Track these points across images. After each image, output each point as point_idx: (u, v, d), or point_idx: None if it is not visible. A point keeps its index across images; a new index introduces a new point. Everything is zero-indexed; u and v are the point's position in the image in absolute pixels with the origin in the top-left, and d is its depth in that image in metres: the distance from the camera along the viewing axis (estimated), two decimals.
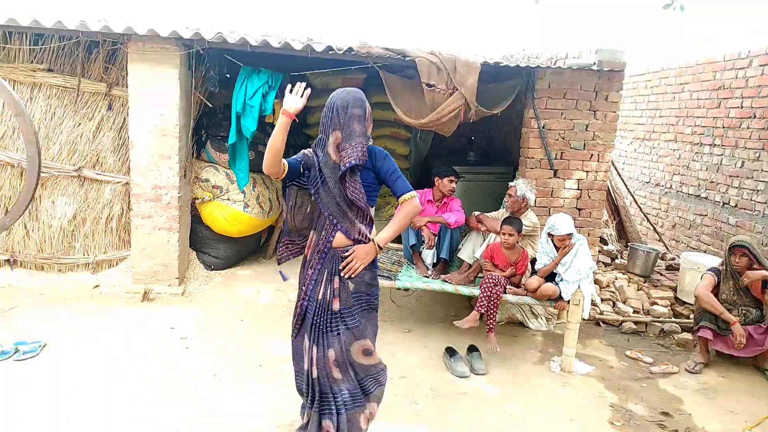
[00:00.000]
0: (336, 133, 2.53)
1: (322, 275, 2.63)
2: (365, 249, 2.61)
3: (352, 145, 2.50)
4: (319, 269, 2.63)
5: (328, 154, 2.56)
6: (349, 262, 2.58)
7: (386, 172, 2.63)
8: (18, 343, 3.79)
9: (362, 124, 2.54)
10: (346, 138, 2.51)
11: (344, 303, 2.61)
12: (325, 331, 2.62)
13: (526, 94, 5.14)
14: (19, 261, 5.13)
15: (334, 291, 2.61)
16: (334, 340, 2.61)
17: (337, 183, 2.56)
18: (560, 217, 4.14)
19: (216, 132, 5.44)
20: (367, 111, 2.59)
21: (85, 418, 3.05)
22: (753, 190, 6.04)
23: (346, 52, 4.62)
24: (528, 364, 4.17)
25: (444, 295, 5.03)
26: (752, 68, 6.12)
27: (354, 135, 2.51)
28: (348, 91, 2.58)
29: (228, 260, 5.77)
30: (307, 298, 2.66)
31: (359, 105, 2.55)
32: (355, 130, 2.52)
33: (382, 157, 2.65)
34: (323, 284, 2.62)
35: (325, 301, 2.62)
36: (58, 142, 4.98)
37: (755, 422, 3.50)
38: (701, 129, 7.02)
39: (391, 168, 2.64)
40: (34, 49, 4.90)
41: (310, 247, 2.71)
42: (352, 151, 2.49)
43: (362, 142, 2.52)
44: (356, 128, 2.52)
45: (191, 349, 3.98)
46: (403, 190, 2.63)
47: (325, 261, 2.63)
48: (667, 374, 4.13)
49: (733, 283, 4.29)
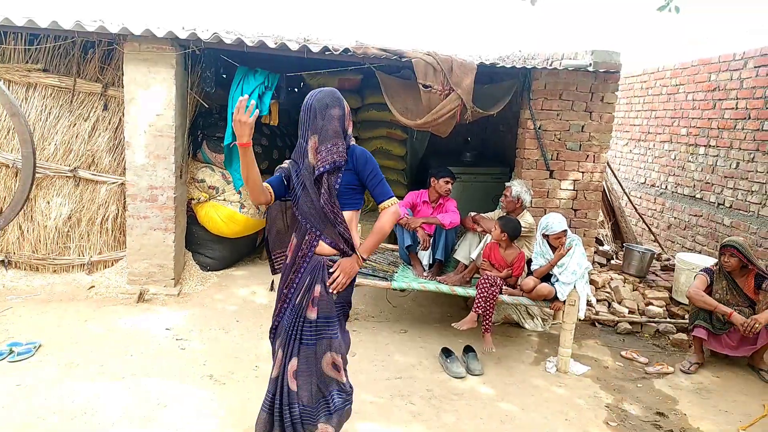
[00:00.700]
0: (314, 137, 2.42)
1: (303, 282, 2.54)
2: (349, 263, 2.52)
3: (328, 147, 2.40)
4: (301, 275, 2.55)
5: (308, 159, 2.45)
6: (335, 278, 2.50)
7: (367, 176, 2.52)
8: (12, 344, 3.77)
9: (340, 124, 2.44)
10: (323, 140, 2.41)
11: (324, 311, 2.52)
12: (293, 338, 2.53)
13: (522, 94, 5.16)
14: (14, 262, 5.12)
15: (313, 299, 2.51)
16: (302, 350, 2.52)
17: (314, 189, 2.46)
18: (552, 217, 4.16)
19: (212, 132, 5.43)
20: (346, 110, 2.49)
21: (81, 420, 3.04)
22: (747, 191, 6.07)
23: (343, 52, 4.62)
24: (524, 364, 4.17)
25: (440, 296, 5.04)
26: (747, 69, 6.15)
27: (330, 137, 2.41)
28: (323, 91, 2.47)
29: (224, 261, 5.76)
30: (289, 301, 2.58)
31: (336, 104, 2.44)
32: (332, 131, 2.41)
33: (364, 159, 2.52)
34: (302, 291, 2.53)
35: (300, 308, 2.53)
36: (53, 142, 4.96)
37: (749, 422, 3.52)
38: (696, 130, 7.05)
39: (371, 172, 2.53)
40: (30, 49, 4.88)
41: (291, 251, 2.61)
42: (327, 155, 2.40)
43: (338, 143, 2.42)
44: (333, 129, 2.41)
45: (187, 350, 3.98)
46: (383, 197, 2.54)
47: (307, 267, 2.54)
48: (662, 374, 4.15)
49: (726, 282, 4.32)
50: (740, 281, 4.30)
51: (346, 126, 2.49)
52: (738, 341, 4.19)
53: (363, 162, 2.51)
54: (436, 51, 4.79)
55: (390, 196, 2.55)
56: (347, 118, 2.50)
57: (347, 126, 2.50)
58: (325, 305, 2.53)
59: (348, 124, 2.51)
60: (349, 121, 2.52)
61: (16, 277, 5.03)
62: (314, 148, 2.43)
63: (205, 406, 3.25)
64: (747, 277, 4.28)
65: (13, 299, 4.64)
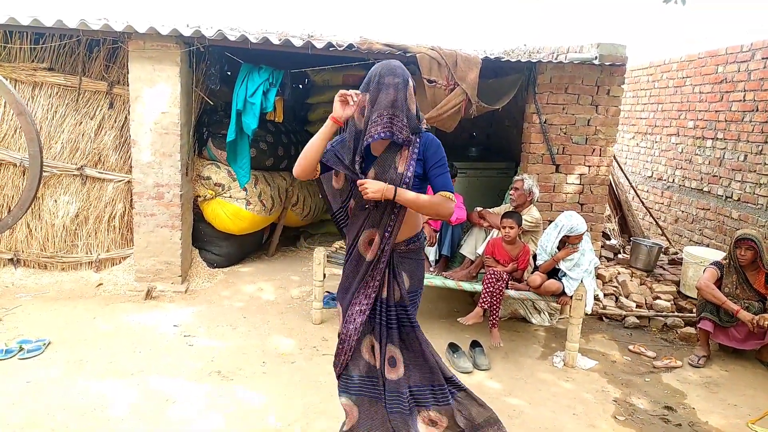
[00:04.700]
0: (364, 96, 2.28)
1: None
2: (378, 183, 2.30)
3: (382, 117, 2.22)
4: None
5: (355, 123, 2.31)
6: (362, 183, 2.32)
7: (434, 163, 2.36)
8: (22, 341, 3.80)
9: (397, 95, 2.23)
10: (374, 106, 2.23)
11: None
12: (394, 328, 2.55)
13: (528, 89, 5.13)
14: (23, 260, 5.15)
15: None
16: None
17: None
18: (575, 217, 4.06)
19: (217, 129, 5.44)
20: (409, 83, 2.28)
21: (90, 416, 3.06)
22: (756, 183, 6.02)
23: (347, 48, 4.62)
24: (531, 359, 4.17)
25: (446, 291, 5.03)
26: (754, 61, 6.09)
27: (382, 105, 2.22)
28: (385, 62, 2.31)
29: (230, 258, 5.78)
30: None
31: (394, 73, 2.24)
32: (385, 100, 2.22)
33: (435, 145, 2.37)
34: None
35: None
36: (59, 140, 4.98)
37: (759, 416, 3.50)
38: (703, 122, 7.00)
39: (440, 159, 2.37)
40: (35, 48, 4.90)
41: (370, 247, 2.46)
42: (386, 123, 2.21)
43: (395, 114, 2.22)
44: (389, 98, 2.21)
45: (195, 346, 4.00)
46: (443, 189, 2.37)
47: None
48: (670, 368, 4.13)
49: (736, 276, 4.29)
50: (751, 275, 4.27)
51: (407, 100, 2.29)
52: (745, 335, 4.17)
53: (435, 147, 2.38)
54: (440, 46, 4.77)
55: (451, 189, 2.39)
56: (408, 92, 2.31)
57: (408, 103, 2.30)
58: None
59: (409, 100, 2.31)
60: (410, 98, 2.31)
61: (25, 275, 5.06)
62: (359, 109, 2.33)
63: (214, 402, 3.27)
64: (758, 271, 4.25)
65: (23, 297, 4.68)
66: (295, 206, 6.25)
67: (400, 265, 2.54)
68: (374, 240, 2.45)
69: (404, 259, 2.55)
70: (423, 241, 2.64)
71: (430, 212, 2.40)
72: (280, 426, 3.07)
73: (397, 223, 2.43)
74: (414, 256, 2.58)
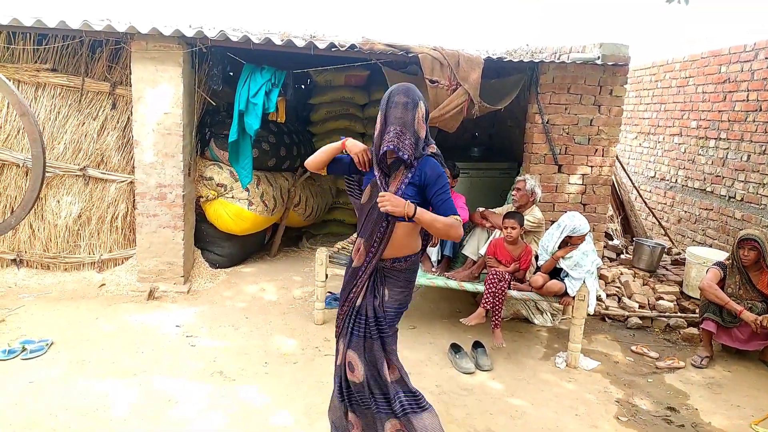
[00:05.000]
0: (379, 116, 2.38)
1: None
2: (399, 200, 2.31)
3: (390, 130, 2.31)
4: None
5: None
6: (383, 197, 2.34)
7: (437, 190, 2.40)
8: (25, 341, 3.81)
9: (406, 114, 2.32)
10: (387, 123, 2.34)
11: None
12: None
13: (530, 89, 5.12)
14: (25, 260, 5.17)
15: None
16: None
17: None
18: (578, 218, 4.05)
19: (220, 130, 5.45)
20: (420, 106, 2.36)
21: (92, 416, 3.06)
22: (759, 183, 6.00)
23: (349, 48, 4.62)
24: (533, 359, 4.16)
25: (448, 292, 5.03)
26: (757, 61, 6.08)
27: (391, 121, 2.33)
28: (400, 83, 2.42)
29: (233, 258, 5.79)
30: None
31: (405, 94, 2.34)
32: (393, 116, 2.33)
33: (437, 173, 2.41)
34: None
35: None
36: (62, 141, 5.00)
37: (762, 416, 3.49)
38: (706, 122, 6.98)
39: (443, 186, 2.41)
40: (38, 49, 4.91)
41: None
42: (392, 137, 2.30)
43: (402, 131, 2.31)
44: (397, 115, 2.31)
45: (197, 346, 4.00)
46: (452, 213, 2.40)
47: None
48: (673, 369, 4.12)
49: (739, 277, 4.27)
50: (754, 276, 4.25)
51: (416, 122, 2.37)
52: (748, 335, 4.15)
53: (435, 175, 2.41)
54: (443, 46, 4.76)
55: (457, 214, 2.42)
56: (418, 115, 2.39)
57: (418, 124, 2.38)
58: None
59: (418, 123, 2.39)
60: (420, 120, 2.39)
61: (28, 276, 5.08)
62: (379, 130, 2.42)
63: (215, 403, 3.27)
64: (761, 272, 4.23)
65: (26, 297, 4.69)
66: (297, 207, 6.26)
67: (383, 279, 2.58)
68: (361, 249, 2.55)
69: (389, 276, 2.58)
70: (412, 264, 2.63)
71: (442, 233, 2.43)
72: (283, 426, 3.07)
73: (384, 241, 2.49)
74: (399, 275, 2.59)
